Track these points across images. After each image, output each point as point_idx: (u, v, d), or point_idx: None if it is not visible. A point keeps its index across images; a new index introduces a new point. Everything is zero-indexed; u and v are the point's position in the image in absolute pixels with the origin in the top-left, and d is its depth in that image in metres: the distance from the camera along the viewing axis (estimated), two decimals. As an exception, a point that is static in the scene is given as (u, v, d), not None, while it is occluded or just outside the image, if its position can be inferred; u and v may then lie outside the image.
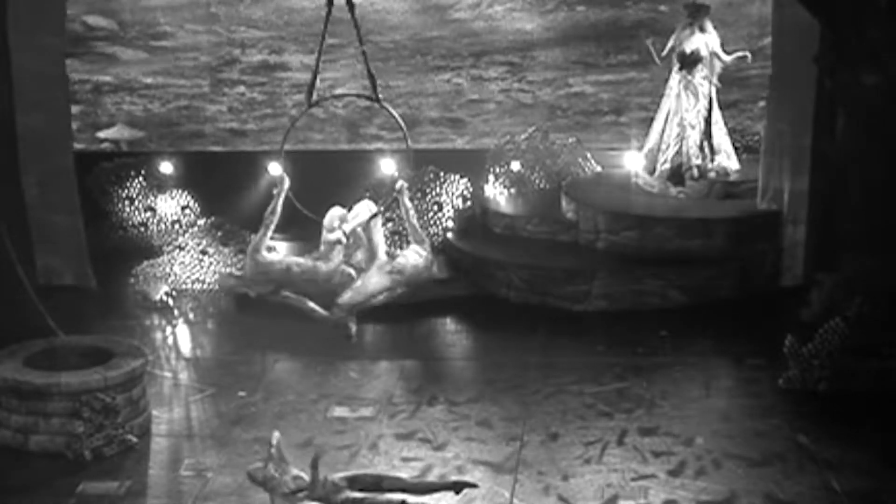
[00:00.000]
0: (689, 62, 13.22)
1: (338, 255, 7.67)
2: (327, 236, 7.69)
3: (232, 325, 12.23)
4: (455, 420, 9.58)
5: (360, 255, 8.06)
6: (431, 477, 8.49)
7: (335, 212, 7.82)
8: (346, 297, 7.59)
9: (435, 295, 12.23)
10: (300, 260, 7.72)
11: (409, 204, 7.83)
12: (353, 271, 7.84)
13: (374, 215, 7.73)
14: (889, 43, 9.73)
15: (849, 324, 10.04)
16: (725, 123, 13.62)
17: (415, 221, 7.89)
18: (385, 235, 8.09)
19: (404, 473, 8.28)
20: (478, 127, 15.42)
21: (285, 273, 7.60)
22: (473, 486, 7.95)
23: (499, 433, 9.33)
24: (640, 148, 13.98)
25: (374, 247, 7.79)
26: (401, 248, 8.28)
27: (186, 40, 15.30)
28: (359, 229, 7.69)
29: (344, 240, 7.65)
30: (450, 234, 13.65)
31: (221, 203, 13.95)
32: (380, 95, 7.68)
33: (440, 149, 15.13)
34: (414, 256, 7.69)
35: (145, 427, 9.34)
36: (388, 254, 7.81)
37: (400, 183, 7.82)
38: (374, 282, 7.67)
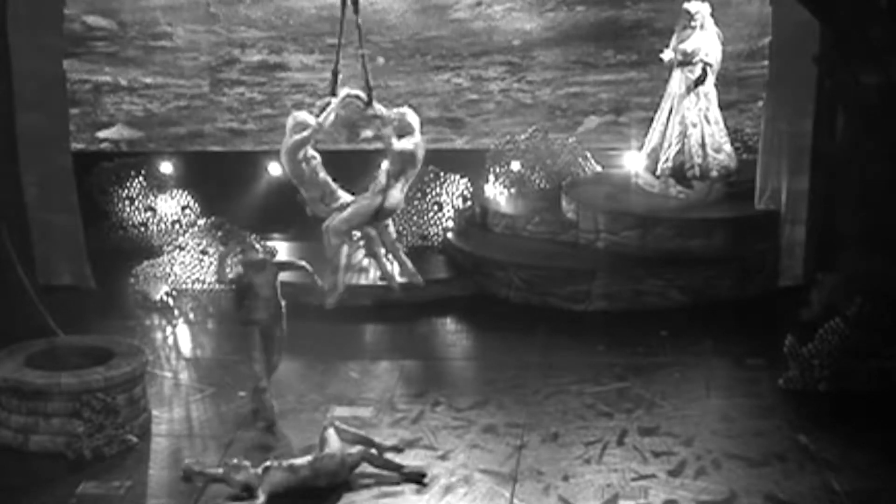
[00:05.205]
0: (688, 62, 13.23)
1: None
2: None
3: (232, 325, 12.19)
4: (455, 421, 9.57)
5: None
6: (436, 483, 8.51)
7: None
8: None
9: (435, 295, 12.25)
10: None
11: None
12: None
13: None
14: (889, 43, 9.73)
15: (849, 324, 10.05)
16: (725, 124, 13.60)
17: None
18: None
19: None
20: (478, 127, 15.41)
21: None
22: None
23: (499, 433, 9.32)
24: (641, 148, 13.97)
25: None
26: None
27: (186, 40, 15.29)
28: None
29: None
30: (450, 234, 13.65)
31: (221, 203, 13.95)
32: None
33: (440, 149, 15.10)
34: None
35: (145, 427, 9.35)
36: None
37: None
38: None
